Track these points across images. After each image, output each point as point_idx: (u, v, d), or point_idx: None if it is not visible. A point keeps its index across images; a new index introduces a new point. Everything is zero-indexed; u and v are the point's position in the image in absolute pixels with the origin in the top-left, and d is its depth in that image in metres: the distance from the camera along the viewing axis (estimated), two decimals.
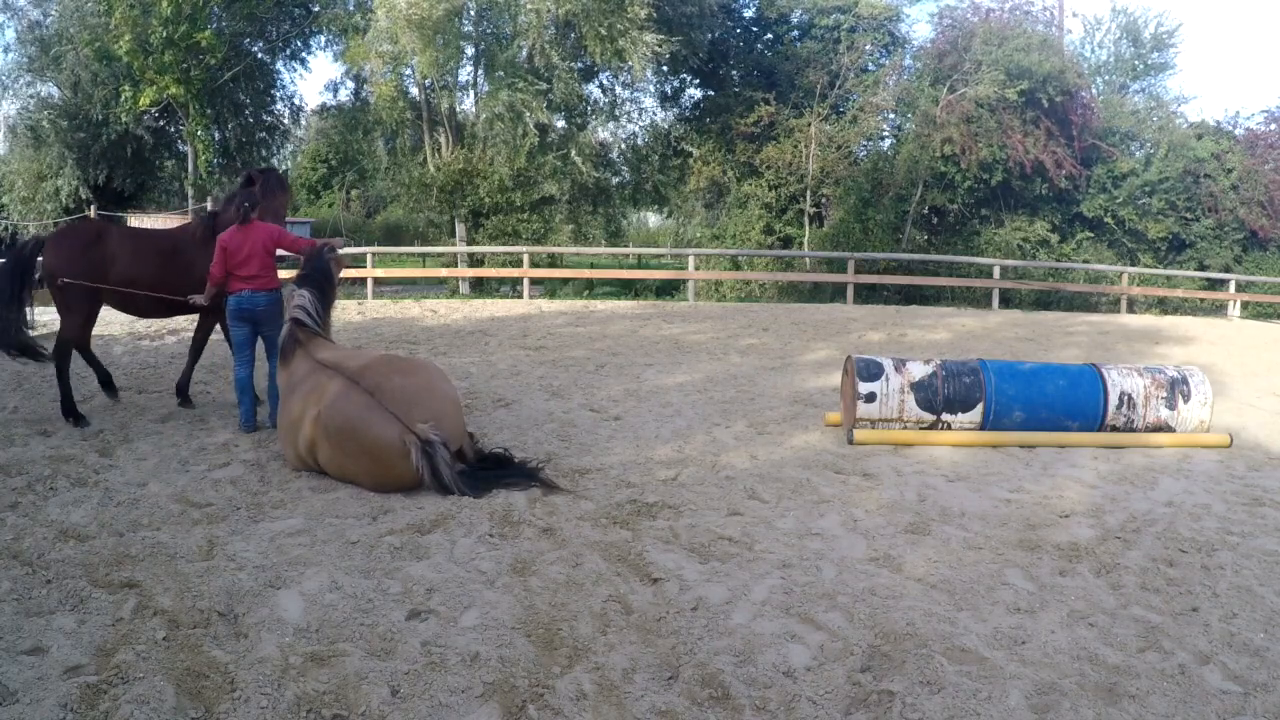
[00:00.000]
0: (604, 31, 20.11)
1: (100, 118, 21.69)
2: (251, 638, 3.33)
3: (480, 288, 22.10)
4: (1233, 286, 22.35)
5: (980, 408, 6.59)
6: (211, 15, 20.86)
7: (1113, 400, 6.69)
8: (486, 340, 12.00)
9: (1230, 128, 25.57)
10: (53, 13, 21.64)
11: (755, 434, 6.85)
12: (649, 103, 26.84)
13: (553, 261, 22.53)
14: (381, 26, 20.56)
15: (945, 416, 6.61)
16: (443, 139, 23.20)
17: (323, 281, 6.33)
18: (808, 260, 22.76)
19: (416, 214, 25.81)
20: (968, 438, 6.59)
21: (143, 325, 13.30)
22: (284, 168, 33.17)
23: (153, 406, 7.42)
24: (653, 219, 35.33)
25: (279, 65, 24.91)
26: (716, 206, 27.16)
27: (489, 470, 5.35)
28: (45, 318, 14.03)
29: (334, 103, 25.90)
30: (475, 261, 21.99)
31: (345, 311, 14.61)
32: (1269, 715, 3.03)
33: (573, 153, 22.40)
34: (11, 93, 22.28)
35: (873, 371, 6.65)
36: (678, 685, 3.10)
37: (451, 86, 23.60)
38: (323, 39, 24.80)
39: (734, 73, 26.12)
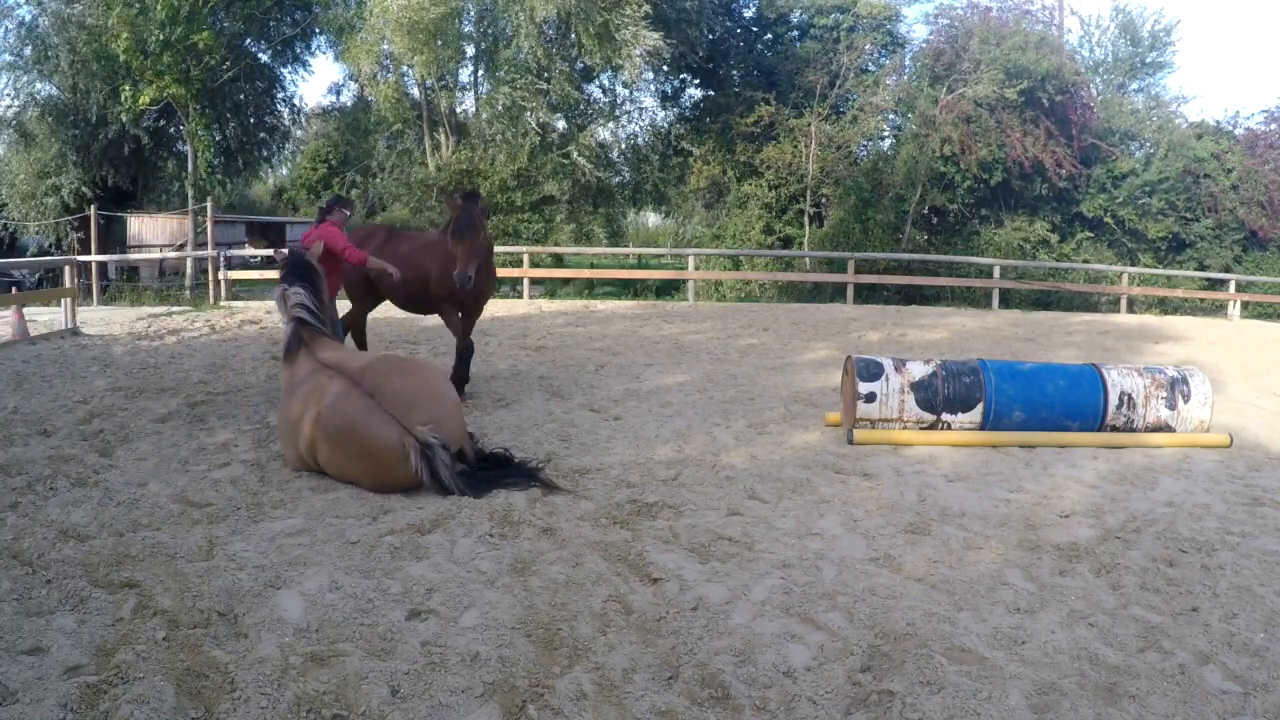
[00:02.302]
0: (600, 32, 20.08)
1: (99, 117, 21.65)
2: (251, 638, 3.33)
3: None
4: (1233, 286, 22.35)
5: (980, 408, 6.59)
6: (212, 16, 20.82)
7: (1113, 400, 6.69)
8: (486, 340, 11.99)
9: (1230, 128, 25.54)
10: (47, 13, 21.53)
11: (755, 434, 6.85)
12: (649, 102, 26.85)
13: (553, 261, 22.51)
14: (374, 27, 20.55)
15: (945, 416, 6.61)
16: (443, 139, 23.19)
17: (309, 274, 6.28)
18: (808, 260, 22.75)
19: (418, 214, 25.82)
20: (968, 438, 6.58)
21: (142, 326, 13.33)
22: (284, 168, 33.14)
23: (152, 406, 7.42)
24: (653, 219, 35.29)
25: (280, 66, 24.89)
26: (716, 206, 27.13)
27: (489, 470, 5.35)
28: (44, 317, 14.06)
29: (336, 105, 25.92)
30: None
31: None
32: (1269, 715, 3.03)
33: (574, 153, 22.38)
34: (1, 87, 22.17)
35: (873, 371, 6.65)
36: (678, 685, 3.10)
37: (452, 86, 23.60)
38: (323, 40, 24.80)
39: (734, 72, 26.11)
